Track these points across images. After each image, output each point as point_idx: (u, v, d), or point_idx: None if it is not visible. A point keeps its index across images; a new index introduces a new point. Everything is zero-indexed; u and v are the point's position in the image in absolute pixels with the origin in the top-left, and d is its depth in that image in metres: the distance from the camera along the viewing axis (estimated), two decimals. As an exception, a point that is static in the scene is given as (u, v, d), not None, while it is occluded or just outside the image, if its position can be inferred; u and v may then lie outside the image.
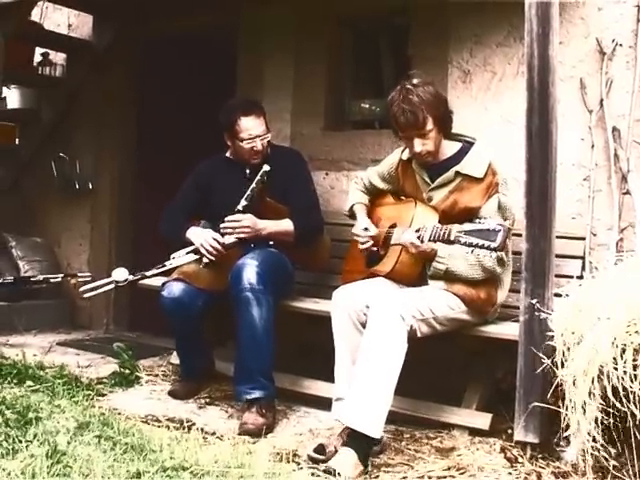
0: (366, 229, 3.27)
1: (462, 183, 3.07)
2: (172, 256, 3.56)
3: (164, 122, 5.10)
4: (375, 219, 3.37)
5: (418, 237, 2.96)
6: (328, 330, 3.09)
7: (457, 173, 3.08)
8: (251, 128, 3.62)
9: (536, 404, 2.74)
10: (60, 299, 5.19)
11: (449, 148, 3.14)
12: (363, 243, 3.27)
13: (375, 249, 3.27)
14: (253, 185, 3.52)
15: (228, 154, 3.82)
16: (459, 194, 3.07)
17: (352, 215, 3.47)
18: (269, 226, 3.58)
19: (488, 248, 2.73)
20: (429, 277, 3.08)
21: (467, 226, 2.80)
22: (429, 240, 2.93)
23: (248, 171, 3.69)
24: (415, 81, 3.04)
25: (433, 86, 3.07)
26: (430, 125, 3.01)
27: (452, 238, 2.83)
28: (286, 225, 3.61)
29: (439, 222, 3.02)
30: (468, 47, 3.82)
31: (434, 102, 3.00)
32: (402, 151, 3.28)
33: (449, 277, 3.03)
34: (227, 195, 3.62)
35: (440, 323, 3.01)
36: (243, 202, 3.51)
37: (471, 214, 3.01)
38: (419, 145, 3.04)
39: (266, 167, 3.51)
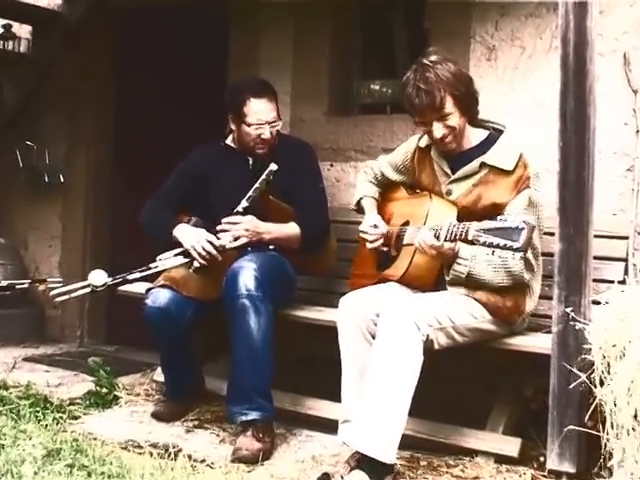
0: (375, 226, 3.27)
1: (488, 176, 3.07)
2: (158, 258, 3.55)
3: (146, 106, 5.10)
4: (386, 215, 3.38)
5: (435, 236, 2.96)
6: (334, 342, 3.09)
7: (483, 164, 3.08)
8: (261, 112, 3.62)
9: (572, 427, 2.74)
10: (27, 308, 5.20)
11: (474, 136, 3.14)
12: (371, 242, 3.27)
13: (386, 249, 3.27)
14: (257, 185, 3.50)
15: (229, 141, 3.82)
16: (484, 188, 3.07)
17: (360, 210, 3.48)
18: (273, 230, 3.59)
19: (510, 249, 2.72)
20: (448, 283, 3.09)
21: (487, 224, 2.78)
22: (444, 240, 2.93)
23: (251, 162, 3.70)
24: (433, 58, 3.04)
25: (455, 64, 3.07)
26: (450, 107, 3.01)
27: (470, 237, 2.82)
28: (291, 229, 3.61)
29: (458, 219, 3.01)
30: (493, 19, 3.82)
31: (454, 81, 3.00)
32: (419, 138, 3.28)
33: (470, 282, 3.03)
34: (225, 190, 3.62)
35: (460, 333, 3.01)
36: (244, 203, 3.51)
37: (497, 211, 2.99)
38: (439, 130, 3.04)
39: (273, 166, 3.49)
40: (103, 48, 5.26)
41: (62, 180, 5.25)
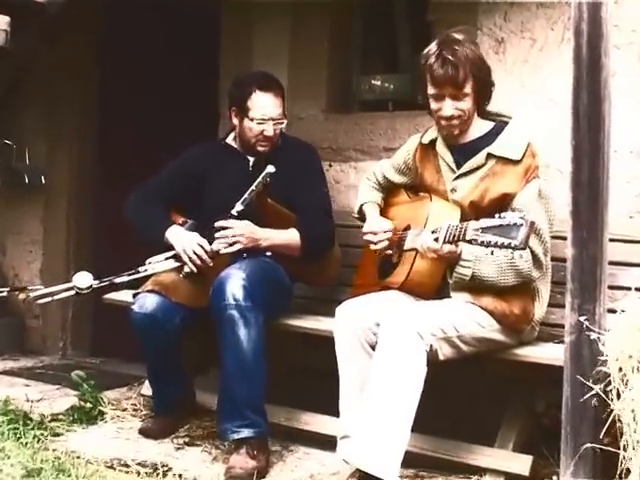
0: (380, 226, 3.28)
1: (495, 167, 3.09)
2: (148, 261, 3.56)
3: (132, 101, 5.11)
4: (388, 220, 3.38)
5: (435, 239, 2.97)
6: (332, 353, 3.09)
7: (489, 156, 3.10)
8: (266, 107, 3.63)
9: (587, 444, 2.73)
10: (6, 318, 5.20)
11: (480, 128, 3.17)
12: (376, 243, 3.26)
13: (390, 252, 3.28)
14: (253, 188, 3.49)
15: (229, 139, 3.83)
16: (491, 180, 3.08)
17: (362, 217, 3.49)
18: (271, 237, 3.57)
19: (509, 247, 2.74)
20: (452, 288, 3.09)
21: (484, 222, 2.81)
22: (444, 242, 2.94)
23: (252, 162, 3.71)
24: (461, 36, 3.09)
25: (479, 49, 3.14)
26: (468, 88, 3.05)
27: (468, 237, 2.84)
28: (291, 236, 3.59)
29: (465, 217, 3.03)
30: (502, 9, 3.82)
31: (479, 63, 3.06)
32: (422, 135, 3.30)
33: (476, 284, 3.03)
34: (222, 191, 3.63)
35: (466, 343, 3.01)
36: (238, 206, 3.50)
37: (505, 203, 3.02)
38: (450, 107, 3.06)
39: (270, 168, 3.48)
40: (86, 39, 5.26)
41: (43, 181, 5.25)
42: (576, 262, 2.80)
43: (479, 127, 3.17)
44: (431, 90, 3.10)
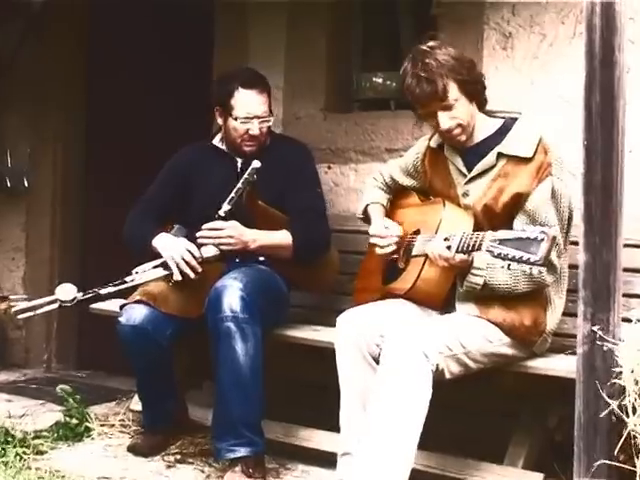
0: (387, 228, 3.28)
1: (506, 167, 3.10)
2: (135, 271, 3.55)
3: (122, 100, 5.12)
4: (397, 223, 3.38)
5: (448, 247, 2.97)
6: (332, 366, 3.09)
7: (500, 155, 3.11)
8: (250, 105, 3.64)
9: (602, 461, 2.73)
10: (-13, 329, 5.20)
11: (487, 126, 3.17)
12: (383, 246, 3.25)
13: (395, 257, 3.28)
14: (239, 185, 3.50)
15: (217, 141, 3.84)
16: (504, 181, 3.09)
17: (366, 218, 3.49)
18: (260, 238, 3.58)
19: (527, 262, 2.74)
20: (459, 298, 3.10)
21: (503, 234, 2.81)
22: (457, 251, 2.94)
23: (240, 164, 3.71)
24: (431, 43, 3.10)
25: (454, 48, 3.13)
26: (455, 93, 3.05)
27: (484, 249, 2.84)
28: (282, 237, 3.60)
29: (478, 222, 3.04)
30: (509, 3, 3.82)
31: (456, 65, 3.05)
32: (430, 137, 3.31)
33: (484, 294, 3.03)
34: (210, 194, 3.63)
35: (473, 359, 3.01)
36: (225, 206, 3.51)
37: (518, 205, 3.04)
38: (446, 120, 3.07)
39: (256, 163, 3.48)
40: (73, 36, 5.27)
41: (26, 185, 5.25)
42: (589, 269, 2.80)
43: (487, 126, 3.17)
44: (419, 110, 3.13)
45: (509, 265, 2.81)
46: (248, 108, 3.63)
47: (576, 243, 2.89)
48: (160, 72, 4.98)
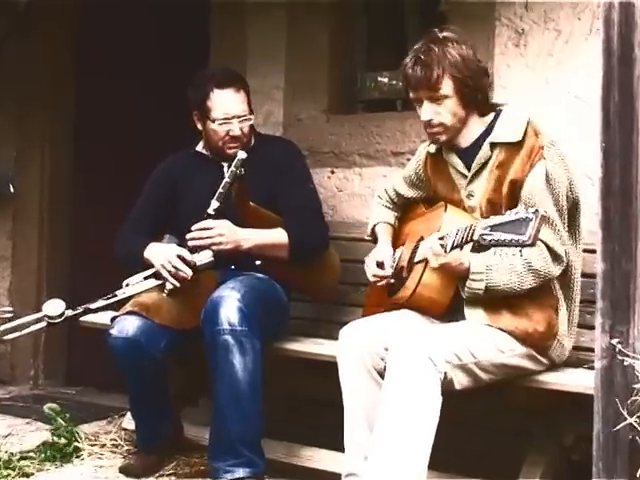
0: (380, 264, 3.30)
1: (500, 156, 3.12)
2: (125, 282, 3.55)
3: (113, 101, 5.12)
4: (402, 237, 3.42)
5: (442, 245, 2.98)
6: (335, 381, 3.09)
7: (492, 145, 3.13)
8: (227, 105, 3.65)
9: (622, 482, 2.73)
10: (-30, 344, 5.20)
11: (482, 123, 3.19)
12: (374, 283, 3.33)
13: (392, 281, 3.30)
14: (226, 179, 3.50)
15: (200, 147, 3.86)
16: (500, 171, 3.10)
17: (374, 239, 3.51)
18: (253, 237, 3.58)
19: (518, 244, 2.75)
20: (465, 305, 3.09)
21: (494, 219, 2.82)
22: (452, 247, 2.95)
23: (226, 168, 3.70)
24: (447, 34, 3.13)
25: (472, 48, 3.14)
26: (446, 89, 3.07)
27: (476, 237, 2.84)
28: (277, 235, 3.61)
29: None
30: (523, -2, 3.84)
31: (460, 63, 3.07)
32: (429, 143, 3.33)
33: (492, 297, 3.03)
34: (197, 202, 3.62)
35: (485, 370, 3.00)
36: (214, 203, 3.50)
37: (515, 192, 3.05)
38: (429, 111, 3.10)
39: (241, 154, 3.50)
40: (62, 34, 5.29)
41: (12, 190, 5.26)
42: (607, 278, 2.79)
43: (481, 123, 3.18)
44: (410, 94, 3.16)
45: (499, 253, 2.88)
46: (225, 108, 3.65)
47: (593, 251, 2.89)
48: (152, 72, 5.00)
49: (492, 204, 3.10)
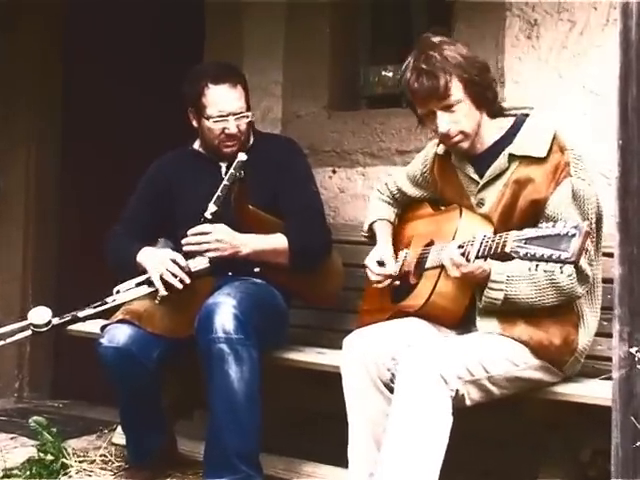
0: (381, 263, 3.29)
1: (520, 170, 3.08)
2: (116, 289, 3.54)
3: (102, 98, 5.14)
4: (405, 239, 3.40)
5: (462, 254, 2.97)
6: (338, 393, 3.09)
7: (512, 157, 3.10)
8: (222, 101, 3.65)
9: (640, 498, 2.73)
10: (-49, 354, 5.21)
11: (497, 128, 3.16)
12: (375, 282, 3.31)
13: (398, 283, 3.30)
14: (225, 182, 3.50)
15: (196, 145, 3.86)
16: (517, 186, 3.08)
17: (372, 237, 3.50)
18: (252, 242, 3.58)
19: (558, 260, 2.71)
20: (478, 313, 3.09)
21: (528, 232, 2.78)
22: (476, 257, 2.93)
23: (224, 168, 3.71)
24: (439, 37, 3.10)
25: (466, 46, 3.14)
26: (458, 93, 3.04)
27: (508, 250, 2.82)
28: (277, 241, 3.60)
29: (496, 232, 3.01)
30: (535, -14, 3.85)
31: (463, 63, 3.05)
32: (438, 143, 3.31)
33: (509, 308, 3.03)
34: (194, 204, 3.62)
35: (497, 385, 3.00)
36: (212, 207, 3.49)
37: (537, 212, 3.02)
38: (445, 122, 3.06)
39: (242, 156, 3.50)
40: (48, 29, 5.29)
41: (-3, 190, 5.28)
42: (625, 283, 2.79)
43: (496, 128, 3.16)
44: (418, 110, 3.12)
45: (537, 266, 2.79)
46: (220, 105, 3.65)
47: (611, 255, 2.88)
48: (142, 70, 5.01)
49: (505, 218, 3.07)
